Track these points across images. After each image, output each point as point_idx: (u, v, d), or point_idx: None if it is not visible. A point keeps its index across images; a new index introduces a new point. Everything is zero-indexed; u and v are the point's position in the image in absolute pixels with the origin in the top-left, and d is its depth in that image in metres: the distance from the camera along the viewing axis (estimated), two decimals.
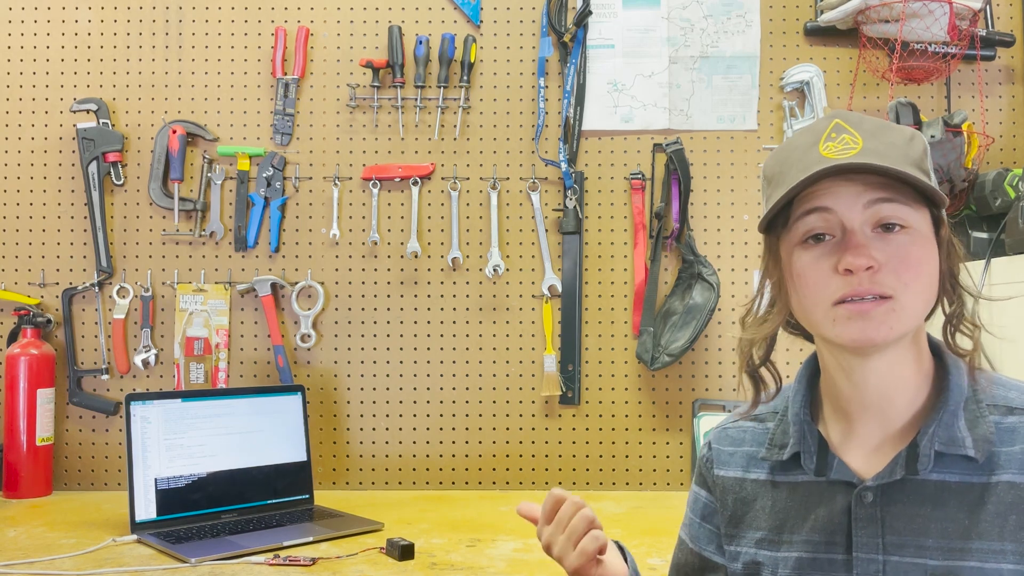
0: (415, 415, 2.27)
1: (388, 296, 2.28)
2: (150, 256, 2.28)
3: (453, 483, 2.26)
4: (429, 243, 2.28)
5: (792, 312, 0.96)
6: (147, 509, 1.82)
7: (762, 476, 1.01)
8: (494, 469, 2.26)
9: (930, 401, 0.93)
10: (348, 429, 2.27)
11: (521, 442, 2.26)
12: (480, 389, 2.27)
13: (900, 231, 0.89)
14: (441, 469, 2.26)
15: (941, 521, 0.88)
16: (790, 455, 0.98)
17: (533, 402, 2.27)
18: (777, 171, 0.94)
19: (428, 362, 2.27)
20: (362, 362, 2.28)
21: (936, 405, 0.92)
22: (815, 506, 0.95)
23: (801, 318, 0.95)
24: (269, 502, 1.97)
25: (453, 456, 2.26)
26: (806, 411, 0.98)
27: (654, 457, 2.25)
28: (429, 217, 2.29)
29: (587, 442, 2.26)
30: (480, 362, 2.27)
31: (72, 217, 2.28)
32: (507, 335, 2.27)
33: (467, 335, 2.27)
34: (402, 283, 2.28)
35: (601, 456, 2.25)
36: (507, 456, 2.26)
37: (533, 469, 2.26)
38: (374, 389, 2.27)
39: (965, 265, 0.95)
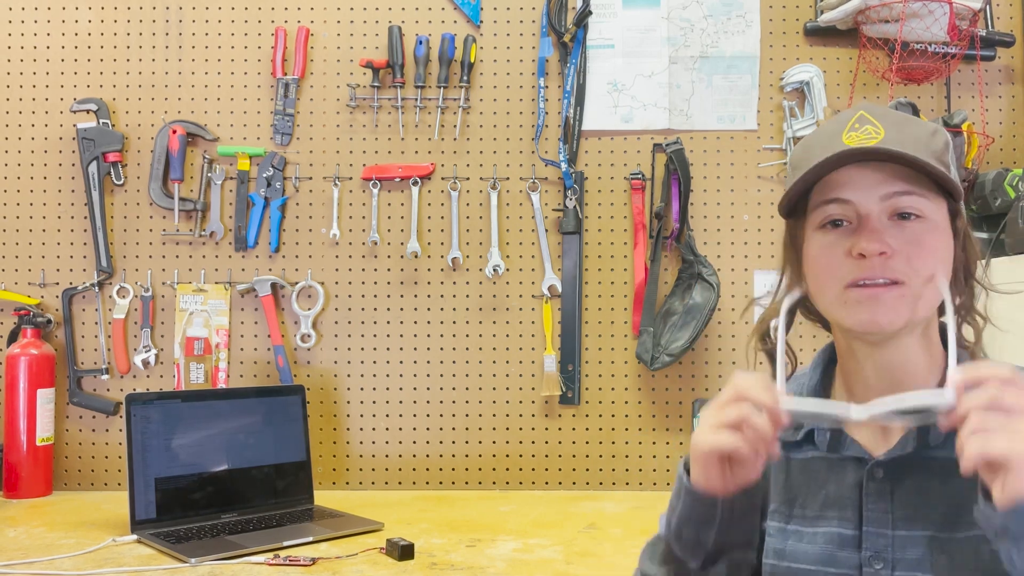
0: (415, 415, 2.27)
1: (388, 296, 2.28)
2: (150, 256, 2.28)
3: (453, 483, 2.26)
4: (429, 243, 2.28)
5: (809, 295, 0.99)
6: (147, 509, 1.82)
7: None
8: (494, 469, 2.26)
9: (939, 386, 0.95)
10: (348, 429, 2.27)
11: (521, 442, 2.26)
12: (480, 389, 2.27)
13: (916, 220, 0.91)
14: (441, 469, 2.26)
15: (946, 495, 0.91)
16: (804, 434, 1.00)
17: (533, 402, 2.26)
18: (801, 158, 0.96)
19: (428, 362, 2.27)
20: (362, 362, 2.28)
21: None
22: (825, 482, 0.98)
23: (815, 300, 0.98)
24: (269, 502, 1.97)
25: (453, 456, 2.26)
26: (819, 392, 1.02)
27: (654, 457, 2.25)
28: (429, 217, 2.29)
29: (587, 442, 2.26)
30: (480, 362, 2.27)
31: (72, 217, 2.28)
32: (507, 335, 2.27)
33: (467, 335, 2.27)
34: (402, 283, 2.28)
35: (601, 456, 2.25)
36: (507, 456, 2.26)
37: (533, 469, 2.26)
38: (374, 389, 2.27)
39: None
